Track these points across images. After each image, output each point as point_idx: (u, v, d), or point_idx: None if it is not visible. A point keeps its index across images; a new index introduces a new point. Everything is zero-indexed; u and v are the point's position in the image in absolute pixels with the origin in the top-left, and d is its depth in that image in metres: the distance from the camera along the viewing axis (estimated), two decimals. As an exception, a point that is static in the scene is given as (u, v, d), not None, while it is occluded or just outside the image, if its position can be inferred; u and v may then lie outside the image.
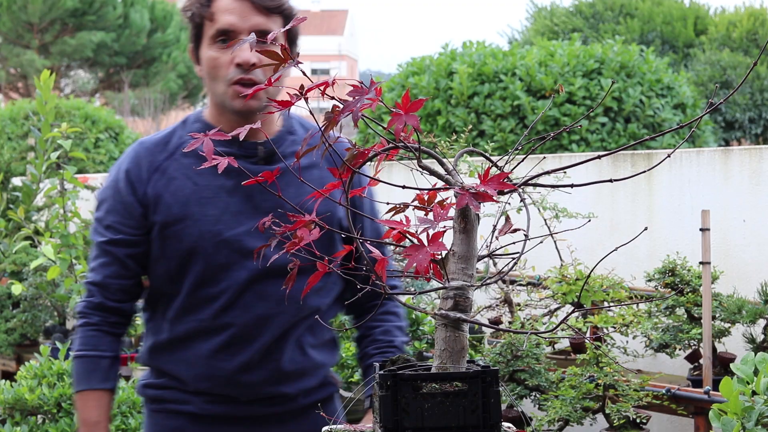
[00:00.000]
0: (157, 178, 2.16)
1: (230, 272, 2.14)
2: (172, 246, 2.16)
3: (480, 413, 1.52)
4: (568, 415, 3.33)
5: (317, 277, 1.63)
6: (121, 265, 2.21)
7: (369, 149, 1.55)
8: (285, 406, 2.23)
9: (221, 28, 2.12)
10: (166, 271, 2.19)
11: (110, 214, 2.21)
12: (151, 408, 2.27)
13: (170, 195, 2.15)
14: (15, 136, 10.75)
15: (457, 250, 1.54)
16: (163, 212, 2.15)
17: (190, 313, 2.19)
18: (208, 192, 2.14)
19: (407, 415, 1.51)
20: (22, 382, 3.50)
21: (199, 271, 2.15)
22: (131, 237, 2.19)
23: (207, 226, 2.13)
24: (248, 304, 2.15)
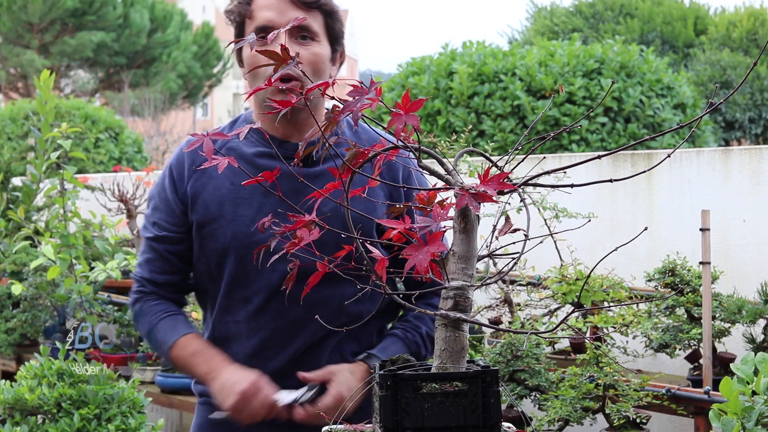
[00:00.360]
0: (198, 176, 2.18)
1: (262, 274, 2.13)
2: (209, 245, 2.18)
3: (480, 413, 1.52)
4: (568, 415, 3.33)
5: (317, 277, 1.63)
6: (165, 261, 2.25)
7: (369, 149, 1.56)
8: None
9: (260, 24, 2.12)
10: (206, 268, 2.22)
11: (156, 211, 2.25)
12: (199, 402, 2.32)
13: (208, 194, 2.17)
14: (15, 136, 10.75)
15: (457, 250, 1.54)
16: (200, 211, 2.18)
17: (227, 313, 2.21)
18: (245, 192, 2.15)
19: (407, 415, 1.51)
20: (22, 382, 3.50)
21: (233, 272, 2.17)
22: (173, 234, 2.22)
23: (240, 227, 2.14)
24: (281, 308, 2.14)
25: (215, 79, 33.14)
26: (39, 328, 5.50)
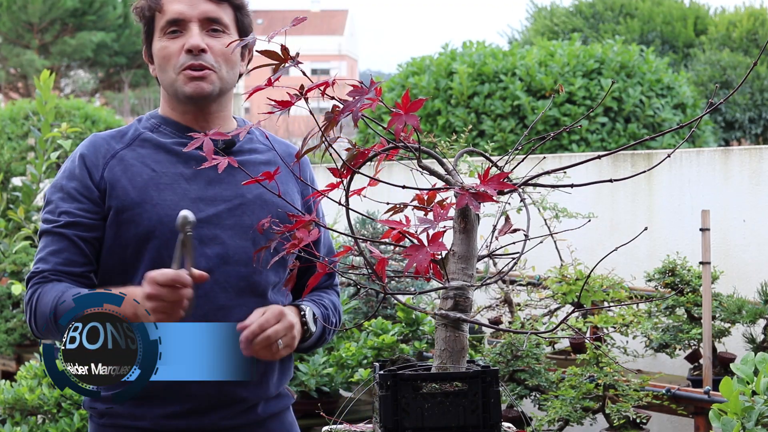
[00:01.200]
0: (114, 164, 2.13)
1: None
2: (128, 231, 2.10)
3: (480, 413, 1.52)
4: (568, 415, 3.33)
5: (317, 278, 1.63)
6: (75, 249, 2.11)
7: (369, 149, 1.56)
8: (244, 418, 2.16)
9: (171, 18, 2.11)
10: (119, 259, 2.12)
11: (64, 202, 2.13)
12: (99, 423, 2.15)
13: (127, 180, 2.12)
14: (15, 136, 10.75)
15: (457, 250, 1.54)
16: (119, 197, 2.11)
17: None
18: (167, 179, 2.12)
19: (407, 415, 1.51)
20: (22, 382, 3.50)
21: (155, 257, 2.09)
22: (88, 221, 2.12)
23: (165, 210, 2.09)
24: (208, 293, 2.08)
25: (215, 79, 33.11)
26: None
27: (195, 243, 2.02)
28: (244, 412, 2.16)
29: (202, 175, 2.13)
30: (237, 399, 2.13)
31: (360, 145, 1.56)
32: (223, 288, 2.11)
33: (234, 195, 2.14)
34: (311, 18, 53.05)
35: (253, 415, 2.17)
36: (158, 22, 2.14)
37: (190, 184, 2.13)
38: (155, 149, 2.15)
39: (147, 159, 2.14)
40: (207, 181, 2.14)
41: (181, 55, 2.11)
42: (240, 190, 2.14)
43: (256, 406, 2.17)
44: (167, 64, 2.12)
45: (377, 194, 1.99)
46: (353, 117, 1.48)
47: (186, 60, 2.10)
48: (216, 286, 2.10)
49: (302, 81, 1.54)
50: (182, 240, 1.92)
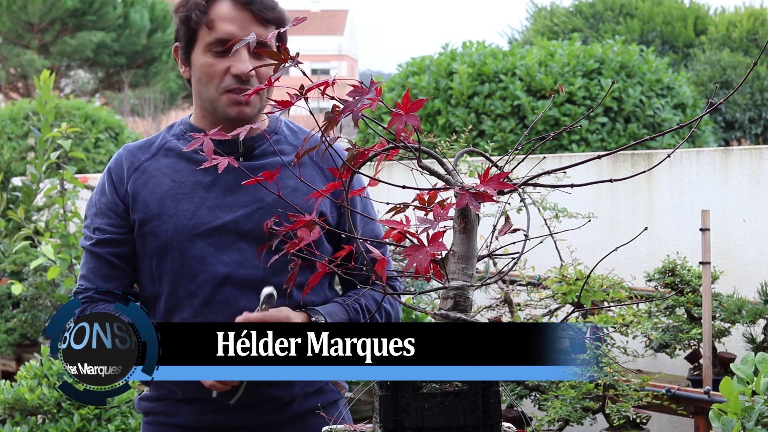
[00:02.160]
0: (137, 176, 2.17)
1: (206, 266, 2.13)
2: (151, 243, 2.16)
3: (480, 413, 1.52)
4: (568, 415, 3.33)
5: (317, 277, 1.63)
6: (109, 266, 2.19)
7: (369, 149, 1.56)
8: (276, 414, 2.19)
9: (220, 37, 2.11)
10: (149, 270, 2.19)
11: (97, 217, 2.21)
12: (146, 421, 2.26)
13: (148, 192, 2.16)
14: (15, 136, 10.75)
15: (457, 250, 1.55)
16: (141, 210, 2.16)
17: (173, 314, 2.17)
18: (185, 188, 2.15)
19: (407, 415, 1.51)
20: (22, 382, 3.50)
21: (177, 267, 2.14)
22: (116, 236, 2.18)
23: (182, 220, 2.13)
24: (229, 298, 2.13)
25: (215, 79, 33.12)
26: (39, 328, 5.50)
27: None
28: (278, 409, 2.18)
29: (222, 182, 2.15)
30: (266, 398, 2.16)
31: (360, 145, 1.56)
32: (243, 292, 2.13)
33: (252, 200, 2.15)
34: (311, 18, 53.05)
35: (290, 411, 2.20)
36: (204, 36, 2.13)
37: (209, 191, 2.15)
38: (177, 158, 2.18)
39: (168, 169, 2.16)
40: (226, 187, 2.16)
41: (227, 77, 2.11)
42: (259, 194, 2.15)
43: (291, 403, 2.19)
44: (210, 82, 2.13)
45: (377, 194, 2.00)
46: (353, 117, 1.48)
47: (232, 83, 2.11)
48: (235, 290, 2.13)
49: (302, 81, 1.54)
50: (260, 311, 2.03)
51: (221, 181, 2.14)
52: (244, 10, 2.12)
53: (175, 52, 2.23)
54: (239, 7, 2.11)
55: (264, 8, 2.12)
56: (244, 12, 2.12)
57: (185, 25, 2.16)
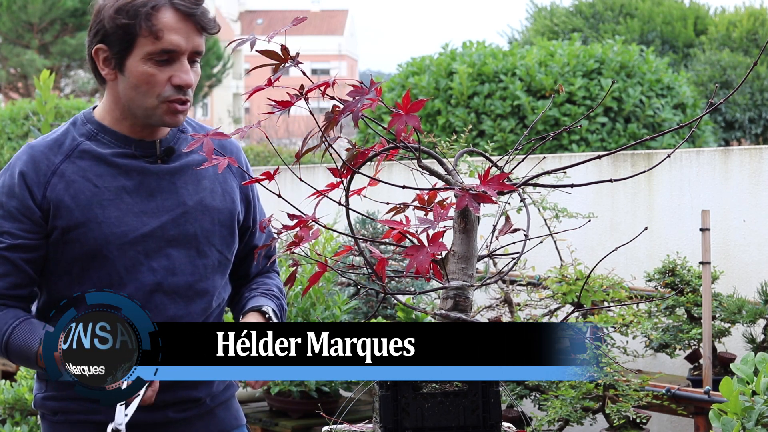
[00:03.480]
0: (56, 181, 2.11)
1: (136, 274, 2.11)
2: (74, 250, 2.11)
3: (480, 413, 1.52)
4: (568, 415, 3.33)
5: (317, 277, 1.63)
6: (18, 272, 2.12)
7: (369, 149, 1.56)
8: (194, 411, 2.22)
9: (166, 48, 2.07)
10: (66, 276, 2.13)
11: (5, 221, 2.11)
12: (52, 420, 2.19)
13: (71, 198, 2.10)
14: (15, 136, 10.75)
15: (457, 250, 1.55)
16: (64, 217, 2.10)
17: None
18: (109, 194, 2.11)
19: (407, 415, 1.51)
20: (22, 382, 3.50)
21: (104, 276, 2.11)
22: (30, 242, 2.11)
23: (111, 228, 2.10)
24: (159, 306, 2.12)
25: (215, 79, 33.14)
26: (39, 328, 5.49)
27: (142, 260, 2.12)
28: (193, 406, 2.22)
29: (143, 187, 2.13)
30: (190, 399, 2.19)
31: (360, 145, 1.56)
32: (172, 299, 2.14)
33: (175, 204, 2.15)
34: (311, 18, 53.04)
35: (203, 407, 2.24)
36: (146, 45, 2.08)
37: (133, 197, 2.13)
38: (95, 161, 2.13)
39: (88, 173, 2.11)
40: (148, 192, 2.14)
41: (167, 87, 2.08)
42: (181, 198, 2.15)
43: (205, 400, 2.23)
44: (150, 90, 2.09)
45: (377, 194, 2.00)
46: (353, 117, 1.48)
47: (173, 94, 2.09)
48: (165, 297, 2.13)
49: (302, 81, 1.54)
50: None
51: (143, 186, 2.12)
52: (187, 20, 2.09)
53: (96, 53, 2.14)
54: (183, 17, 2.09)
55: (204, 18, 2.12)
56: (187, 22, 2.10)
57: (124, 32, 2.09)
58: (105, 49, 2.13)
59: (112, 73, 2.14)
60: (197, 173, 2.15)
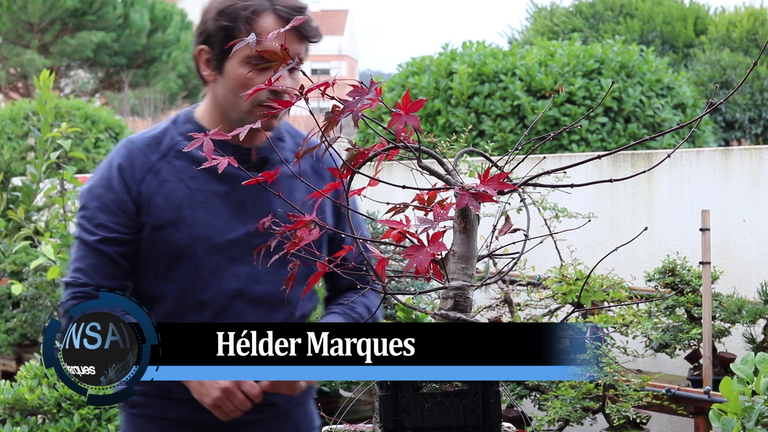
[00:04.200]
0: (150, 178, 2.14)
1: (219, 278, 2.14)
2: (162, 248, 2.14)
3: (480, 413, 1.52)
4: (568, 415, 3.33)
5: (317, 277, 1.63)
6: (113, 265, 2.16)
7: (369, 149, 1.56)
8: (271, 412, 2.22)
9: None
10: (152, 273, 2.17)
11: (101, 212, 2.16)
12: (130, 412, 2.23)
13: (162, 198, 2.14)
14: (15, 136, 10.75)
15: (457, 250, 1.54)
16: (155, 214, 2.14)
17: (178, 319, 2.16)
18: (201, 196, 2.14)
19: (407, 415, 1.51)
20: (22, 382, 3.50)
21: (189, 277, 2.14)
22: (123, 235, 2.15)
23: (199, 230, 2.13)
24: (240, 311, 2.15)
25: (215, 79, 33.13)
26: (39, 328, 5.50)
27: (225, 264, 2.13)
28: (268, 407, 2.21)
29: (234, 193, 2.14)
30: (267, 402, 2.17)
31: (360, 145, 1.56)
32: (252, 307, 2.15)
33: (265, 213, 2.14)
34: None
35: (280, 409, 2.24)
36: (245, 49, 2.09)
37: (224, 202, 2.15)
38: (191, 163, 2.15)
39: (182, 174, 2.14)
40: (239, 199, 2.15)
41: (263, 91, 2.08)
42: (271, 207, 2.15)
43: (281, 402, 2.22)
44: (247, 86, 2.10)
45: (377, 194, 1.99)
46: (353, 117, 1.48)
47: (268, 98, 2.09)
48: (246, 305, 2.15)
49: (302, 81, 1.54)
50: None
51: (234, 192, 2.14)
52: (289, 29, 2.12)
53: (199, 54, 2.18)
54: (283, 23, 2.09)
55: (306, 25, 2.12)
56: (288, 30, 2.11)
57: (225, 34, 2.11)
58: (207, 51, 2.16)
59: (212, 74, 2.16)
60: (290, 184, 2.15)
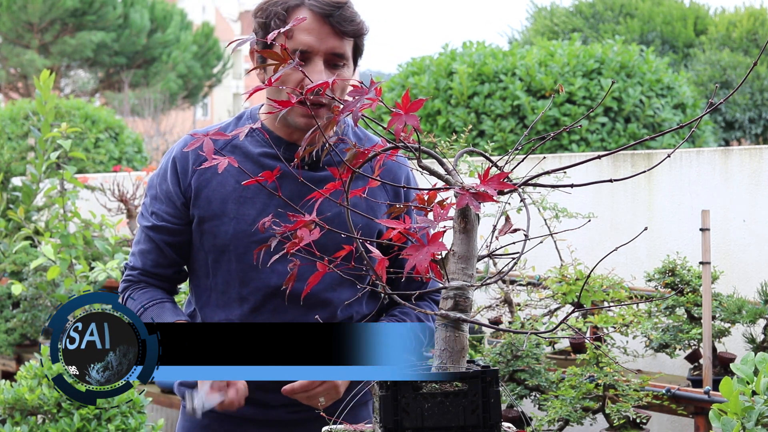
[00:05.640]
0: (202, 171, 2.18)
1: (261, 274, 2.15)
2: (208, 240, 2.19)
3: (480, 413, 1.52)
4: (568, 415, 3.33)
5: (317, 277, 1.63)
6: (159, 252, 2.24)
7: (369, 149, 1.56)
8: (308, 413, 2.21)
9: (297, 48, 2.07)
10: (203, 262, 2.23)
11: (156, 201, 2.24)
12: (184, 405, 2.29)
13: (211, 190, 2.18)
14: (15, 136, 10.74)
15: (457, 250, 1.54)
16: (202, 206, 2.18)
17: (222, 310, 2.21)
18: (249, 192, 2.16)
19: (407, 415, 1.51)
20: (22, 382, 3.50)
21: (232, 270, 2.18)
22: (172, 225, 2.22)
23: (243, 225, 2.15)
24: (278, 308, 2.16)
25: (215, 79, 33.17)
26: (39, 328, 5.50)
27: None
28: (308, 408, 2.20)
29: (285, 190, 2.13)
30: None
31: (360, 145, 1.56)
32: (293, 304, 2.14)
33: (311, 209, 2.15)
34: (311, 18, 52.85)
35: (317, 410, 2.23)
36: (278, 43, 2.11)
37: (271, 198, 2.15)
38: (243, 158, 2.17)
39: (233, 168, 2.15)
40: (288, 197, 2.14)
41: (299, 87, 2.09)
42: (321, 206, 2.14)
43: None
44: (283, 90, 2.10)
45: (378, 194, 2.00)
46: (353, 117, 1.48)
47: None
48: (284, 302, 2.14)
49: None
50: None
51: (284, 190, 2.13)
52: (323, 22, 2.08)
53: (252, 55, 2.18)
54: (319, 18, 2.08)
55: (343, 21, 2.10)
56: (323, 24, 2.08)
57: (263, 31, 2.12)
58: (254, 50, 2.16)
59: (261, 73, 2.17)
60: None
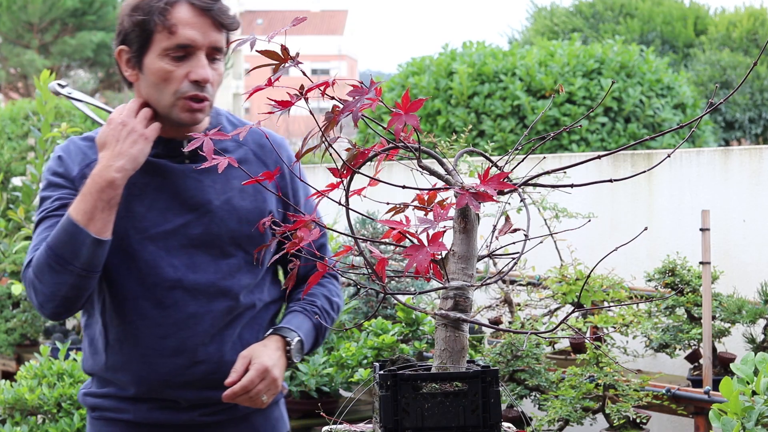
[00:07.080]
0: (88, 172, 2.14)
1: (156, 269, 2.14)
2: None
3: (480, 413, 1.52)
4: (568, 415, 3.33)
5: (317, 277, 1.63)
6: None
7: (369, 149, 1.56)
8: (225, 415, 2.21)
9: (181, 43, 2.08)
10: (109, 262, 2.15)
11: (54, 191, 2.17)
12: (92, 416, 2.26)
13: None
14: (15, 136, 10.75)
15: (457, 250, 1.54)
16: None
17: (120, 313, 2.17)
18: (135, 190, 2.15)
19: (407, 415, 1.51)
20: (22, 382, 3.50)
21: (132, 267, 2.14)
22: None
23: (132, 222, 2.14)
24: (178, 302, 2.14)
25: (215, 79, 33.14)
26: (39, 328, 5.50)
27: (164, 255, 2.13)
28: (224, 410, 2.20)
29: (168, 185, 2.15)
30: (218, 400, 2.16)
31: (360, 145, 1.56)
32: (193, 296, 2.14)
33: (200, 203, 2.15)
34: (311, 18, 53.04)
35: (236, 412, 2.22)
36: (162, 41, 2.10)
37: (158, 194, 2.15)
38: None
39: None
40: (173, 191, 2.15)
41: (184, 83, 2.10)
42: (206, 197, 2.16)
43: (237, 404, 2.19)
44: (166, 87, 2.11)
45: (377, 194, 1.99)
46: (353, 117, 1.48)
47: (189, 89, 2.10)
48: (186, 294, 2.14)
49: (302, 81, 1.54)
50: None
51: (168, 185, 2.14)
52: (203, 15, 2.10)
53: (119, 56, 2.18)
54: (199, 12, 2.10)
55: (221, 14, 2.12)
56: (203, 17, 2.10)
57: (141, 29, 2.11)
58: (126, 50, 2.16)
59: (134, 74, 2.17)
60: (227, 172, 2.13)
